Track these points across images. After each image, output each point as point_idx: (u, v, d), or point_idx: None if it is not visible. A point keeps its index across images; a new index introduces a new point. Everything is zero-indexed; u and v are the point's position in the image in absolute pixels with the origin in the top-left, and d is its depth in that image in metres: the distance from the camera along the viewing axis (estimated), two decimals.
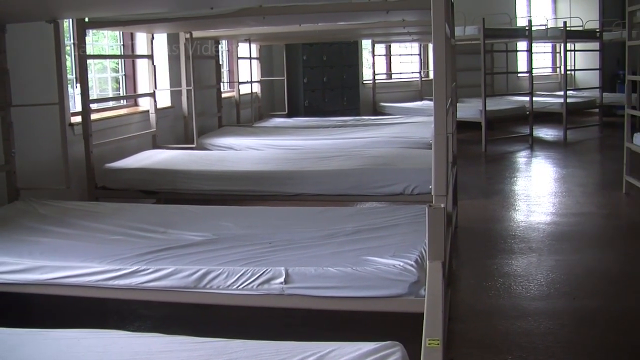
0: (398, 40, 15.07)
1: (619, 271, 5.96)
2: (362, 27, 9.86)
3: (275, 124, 11.37)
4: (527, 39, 13.39)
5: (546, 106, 15.65)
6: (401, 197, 6.43)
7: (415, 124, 10.33)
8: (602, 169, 11.51)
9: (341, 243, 4.38)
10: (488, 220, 7.60)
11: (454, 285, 5.35)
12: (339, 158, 7.49)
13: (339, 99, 13.65)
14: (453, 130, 5.99)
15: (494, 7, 16.75)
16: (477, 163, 11.59)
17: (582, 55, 17.89)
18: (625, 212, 8.24)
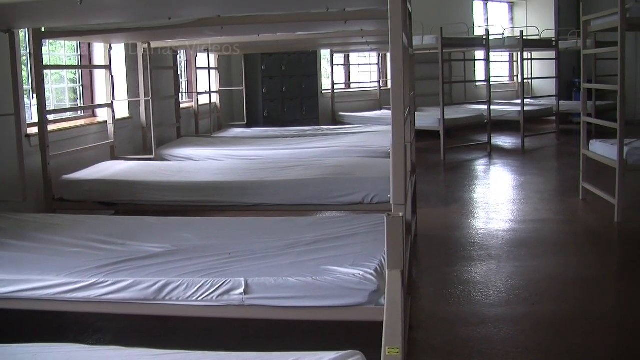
0: (357, 49, 15.12)
1: (577, 276, 6.03)
2: (320, 37, 9.88)
3: (234, 134, 11.35)
4: (485, 48, 13.50)
5: (504, 114, 15.78)
6: (360, 207, 6.44)
7: (374, 133, 10.36)
8: (559, 175, 11.63)
9: (301, 253, 4.38)
10: (447, 228, 7.64)
11: (414, 293, 5.36)
12: (298, 168, 7.50)
13: (298, 109, 13.65)
14: (412, 139, 6.01)
15: (451, 16, 16.88)
16: (436, 171, 11.65)
17: (538, 63, 18.14)
18: (582, 218, 8.33)
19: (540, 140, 15.35)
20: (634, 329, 4.86)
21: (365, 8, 5.99)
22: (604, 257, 6.76)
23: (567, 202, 8.90)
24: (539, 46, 16.51)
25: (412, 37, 7.19)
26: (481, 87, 17.46)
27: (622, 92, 7.71)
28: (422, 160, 11.43)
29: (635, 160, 7.75)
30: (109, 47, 8.41)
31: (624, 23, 7.50)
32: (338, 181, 6.68)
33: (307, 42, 10.89)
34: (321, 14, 6.21)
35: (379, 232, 3.78)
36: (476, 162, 12.68)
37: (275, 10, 6.20)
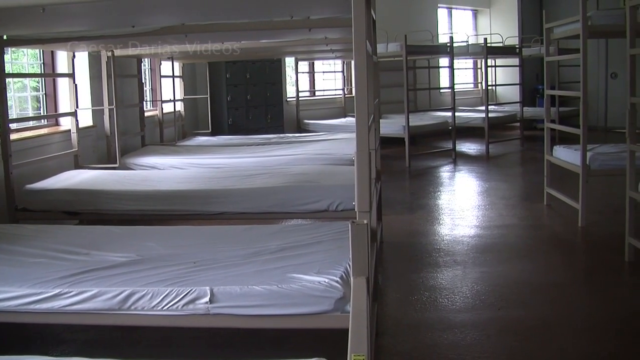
0: (321, 57, 15.14)
1: (542, 281, 6.08)
2: (285, 45, 9.87)
3: (199, 142, 11.30)
4: (449, 55, 13.59)
5: (468, 121, 15.88)
6: (325, 214, 6.45)
7: (339, 141, 10.38)
8: (523, 181, 11.71)
9: (266, 261, 4.37)
10: (413, 235, 7.67)
11: (380, 299, 5.37)
12: (263, 176, 7.49)
13: (262, 117, 13.63)
14: (376, 147, 6.03)
15: (416, 24, 16.96)
16: (401, 178, 11.68)
17: (502, 70, 18.29)
18: (546, 223, 8.39)
19: (505, 146, 15.48)
20: (598, 333, 4.90)
21: (329, 16, 6.00)
22: (569, 262, 6.82)
23: (532, 208, 8.97)
24: (503, 53, 16.65)
25: (376, 44, 7.20)
26: (445, 94, 17.55)
27: (584, 98, 7.79)
28: (387, 167, 11.47)
29: (598, 165, 7.83)
30: (72, 55, 8.34)
31: (586, 30, 7.58)
32: (303, 189, 6.68)
33: (272, 50, 10.88)
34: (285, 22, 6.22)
35: (344, 239, 3.79)
36: (441, 168, 12.74)
37: (239, 18, 6.19)
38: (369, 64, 3.87)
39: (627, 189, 6.40)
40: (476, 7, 20.67)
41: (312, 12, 5.92)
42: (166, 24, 6.07)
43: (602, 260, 6.69)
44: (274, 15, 6.08)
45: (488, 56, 14.77)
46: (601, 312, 5.31)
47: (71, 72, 8.36)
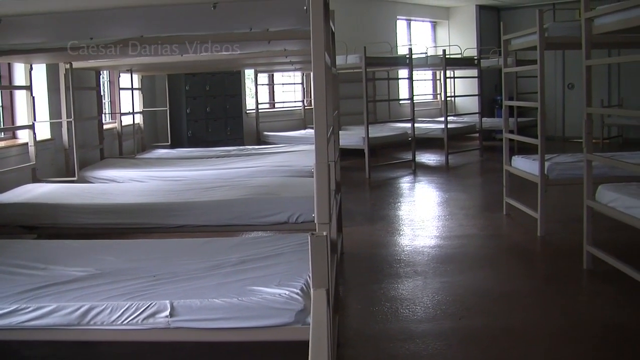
0: (281, 69, 15.14)
1: (502, 290, 6.12)
2: (244, 57, 9.85)
3: (159, 155, 11.26)
4: (408, 67, 13.65)
5: (428, 132, 15.96)
6: (286, 226, 6.44)
7: (299, 153, 10.39)
8: (483, 191, 11.79)
9: (226, 274, 4.35)
10: (374, 246, 7.68)
11: (341, 311, 5.37)
12: (223, 188, 7.47)
13: (222, 129, 13.59)
14: (336, 158, 6.04)
15: (375, 36, 17.05)
16: (361, 190, 11.71)
17: (461, 82, 18.44)
18: (506, 232, 8.45)
19: (464, 157, 15.58)
20: (559, 340, 4.94)
21: (288, 28, 6.00)
22: (528, 271, 6.89)
23: (491, 218, 9.03)
24: (462, 64, 16.77)
25: (335, 56, 7.23)
26: (405, 106, 17.64)
27: (542, 108, 7.87)
28: (347, 179, 11.48)
29: (556, 175, 7.91)
30: (29, 67, 8.27)
31: (543, 42, 7.67)
32: (263, 201, 6.66)
33: (231, 62, 10.86)
34: (244, 34, 6.22)
35: (305, 251, 3.79)
36: (401, 179, 12.79)
37: (198, 31, 6.17)
38: (327, 76, 3.88)
39: (585, 197, 6.47)
40: (435, 19, 20.82)
41: (271, 24, 5.93)
42: (125, 36, 6.04)
43: (561, 268, 6.75)
44: (233, 28, 6.08)
45: (447, 67, 14.87)
46: (561, 319, 5.36)
47: (28, 85, 8.27)
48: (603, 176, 7.46)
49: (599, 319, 5.32)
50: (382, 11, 18.43)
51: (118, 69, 10.95)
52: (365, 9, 17.66)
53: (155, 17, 5.01)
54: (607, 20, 6.07)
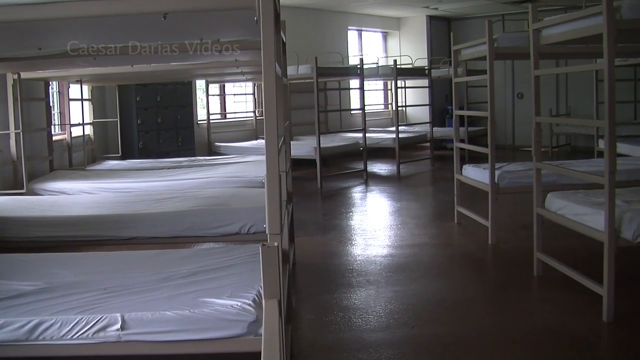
0: (232, 80, 15.08)
1: (454, 298, 6.16)
2: (195, 68, 9.82)
3: (109, 166, 11.15)
4: (359, 77, 13.70)
5: (379, 142, 16.01)
6: (237, 237, 6.42)
7: (250, 163, 10.37)
8: (434, 200, 11.86)
9: (178, 286, 4.33)
10: (326, 256, 7.68)
11: (294, 321, 5.37)
12: (175, 200, 7.42)
13: (173, 140, 13.51)
14: (287, 169, 6.03)
15: (326, 46, 17.08)
16: (313, 200, 11.71)
17: (412, 91, 18.56)
18: (457, 241, 8.51)
19: (415, 166, 15.67)
20: (511, 347, 4.98)
21: (239, 38, 5.99)
22: (480, 279, 6.94)
23: (443, 226, 9.09)
24: (412, 74, 16.88)
25: (286, 66, 7.23)
26: (356, 115, 17.68)
27: (492, 118, 7.95)
28: (299, 189, 11.48)
29: (506, 183, 7.98)
30: None
31: (492, 52, 7.75)
32: (214, 212, 6.64)
33: (182, 72, 10.82)
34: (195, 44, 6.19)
35: (256, 262, 3.78)
36: (353, 189, 12.82)
37: (149, 41, 6.13)
38: (278, 86, 3.88)
39: (535, 205, 6.54)
40: (386, 29, 20.90)
41: (222, 34, 5.91)
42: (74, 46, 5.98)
43: (512, 275, 6.82)
44: (183, 38, 6.05)
45: (398, 77, 14.96)
46: (513, 326, 5.41)
47: None
48: (552, 184, 7.56)
49: (549, 325, 5.37)
50: (333, 22, 18.47)
51: (67, 80, 10.83)
52: (317, 19, 17.69)
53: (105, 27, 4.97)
54: (554, 31, 6.17)
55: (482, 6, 18.06)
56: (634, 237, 5.31)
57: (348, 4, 17.39)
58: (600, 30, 5.19)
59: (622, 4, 5.29)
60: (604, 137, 5.39)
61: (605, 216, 5.28)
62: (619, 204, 5.61)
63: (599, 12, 5.19)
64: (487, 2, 17.34)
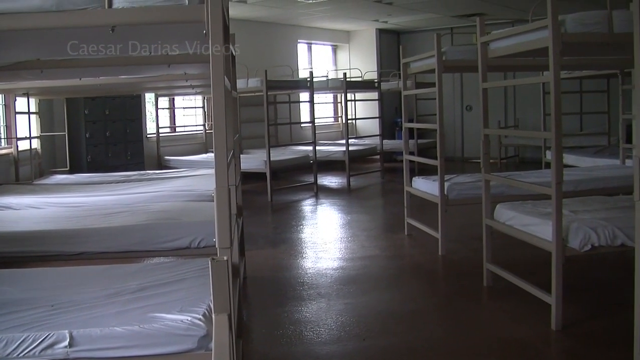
0: (181, 93, 15.04)
1: (405, 310, 6.19)
2: (144, 81, 9.76)
3: (57, 180, 11.01)
4: (309, 90, 13.73)
5: (329, 155, 16.05)
6: (187, 251, 6.36)
7: (200, 177, 10.31)
8: (384, 213, 11.90)
9: (127, 301, 4.28)
10: (277, 269, 7.67)
11: (245, 335, 5.35)
12: (123, 214, 7.35)
13: (122, 154, 13.41)
14: (237, 182, 6.02)
15: (276, 59, 17.09)
16: (263, 213, 11.69)
17: (362, 104, 18.63)
18: (407, 252, 8.55)
19: (366, 178, 15.74)
20: (462, 357, 5.02)
21: (188, 51, 5.96)
22: (430, 290, 6.97)
23: (393, 238, 9.13)
24: (362, 87, 16.97)
25: (235, 80, 7.22)
26: (306, 129, 17.71)
27: (441, 130, 8.01)
28: (249, 203, 11.46)
29: (456, 195, 8.04)
30: None
31: (441, 65, 7.82)
32: (164, 226, 6.58)
33: (131, 85, 10.75)
34: (144, 58, 6.15)
35: (207, 276, 3.75)
36: (303, 202, 12.82)
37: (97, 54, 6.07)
38: (227, 100, 3.87)
39: (484, 216, 6.60)
40: (336, 42, 20.99)
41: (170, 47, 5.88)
42: (20, 59, 5.91)
43: (463, 286, 6.87)
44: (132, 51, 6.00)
45: (348, 90, 15.04)
46: (464, 336, 5.45)
47: None
48: (501, 195, 7.64)
49: (499, 335, 5.44)
50: (283, 35, 18.51)
51: (14, 93, 10.71)
52: (266, 32, 17.70)
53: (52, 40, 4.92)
54: (501, 44, 6.25)
55: (431, 20, 18.22)
56: (581, 246, 5.40)
57: (298, 17, 17.43)
58: (545, 43, 5.28)
59: (566, 18, 5.39)
60: (551, 149, 5.47)
61: (552, 226, 5.36)
62: (566, 214, 5.71)
63: (545, 26, 5.29)
64: (436, 15, 17.50)
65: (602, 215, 5.90)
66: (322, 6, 15.62)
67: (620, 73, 10.12)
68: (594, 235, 5.42)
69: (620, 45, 5.78)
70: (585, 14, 5.46)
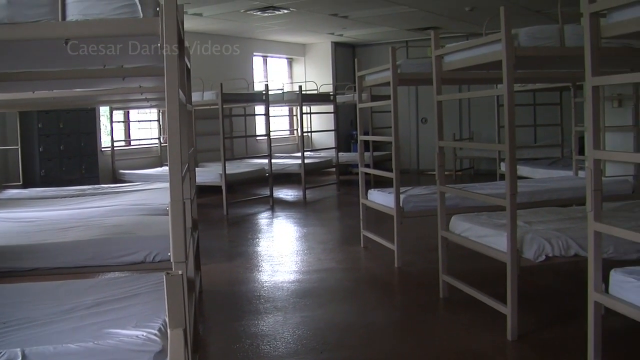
0: (136, 106, 14.95)
1: (362, 322, 6.19)
2: (99, 94, 9.69)
3: (9, 195, 10.87)
4: (265, 103, 13.73)
5: (285, 167, 16.04)
6: (143, 266, 6.30)
7: (155, 191, 10.23)
8: (340, 225, 11.91)
9: (82, 317, 4.23)
10: (233, 283, 7.64)
11: (202, 350, 5.33)
12: (78, 229, 7.26)
13: (77, 168, 13.28)
14: (192, 196, 5.99)
15: (232, 72, 17.06)
16: (219, 227, 11.65)
17: (318, 117, 18.67)
18: (364, 265, 8.56)
19: (322, 191, 15.75)
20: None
21: (142, 65, 5.94)
22: (387, 302, 7.00)
23: (349, 251, 9.14)
24: (318, 100, 16.99)
25: (191, 93, 7.19)
26: (262, 142, 17.68)
27: (396, 143, 8.05)
28: (205, 216, 11.43)
29: (411, 207, 8.08)
30: None
31: (396, 78, 7.87)
32: (119, 241, 6.51)
33: (86, 99, 10.65)
34: (99, 71, 6.12)
35: (162, 291, 3.72)
36: (259, 215, 12.80)
37: (51, 67, 6.03)
38: (182, 113, 3.86)
39: (439, 228, 6.64)
40: (291, 55, 21.01)
41: (125, 60, 5.85)
42: None
43: (419, 298, 6.90)
44: (86, 64, 5.96)
45: (303, 103, 15.07)
46: (420, 348, 5.48)
47: None
48: (456, 207, 7.69)
49: (456, 346, 5.47)
50: (238, 48, 18.44)
51: None
52: (222, 45, 17.65)
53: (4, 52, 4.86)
54: (456, 57, 6.31)
55: (386, 33, 18.32)
56: (535, 257, 5.46)
57: (253, 30, 17.43)
58: (499, 57, 5.35)
59: (519, 32, 5.47)
60: (505, 161, 5.52)
61: (507, 237, 5.42)
62: (520, 225, 5.77)
63: (498, 40, 5.35)
64: (391, 29, 17.60)
65: (556, 226, 5.99)
66: (278, 19, 15.64)
67: (573, 86, 10.25)
68: (548, 245, 5.49)
69: (571, 59, 5.87)
70: (538, 28, 5.55)
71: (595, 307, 4.25)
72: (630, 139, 8.85)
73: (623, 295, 4.11)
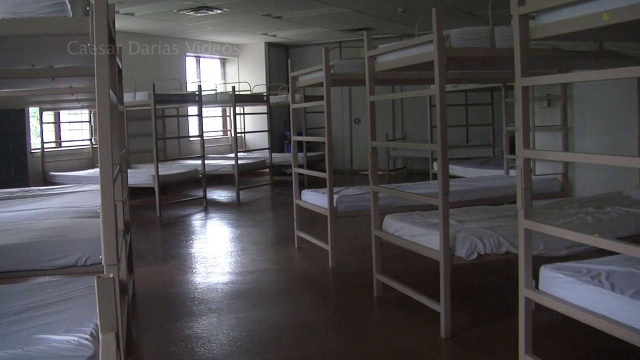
0: (67, 107, 14.74)
1: (297, 322, 6.20)
2: (28, 94, 9.53)
3: None
4: (198, 104, 13.64)
5: (218, 168, 15.98)
6: (74, 269, 6.19)
7: (87, 193, 10.10)
8: (275, 226, 11.90)
9: (10, 323, 4.14)
10: (166, 285, 7.58)
11: (135, 353, 5.29)
12: (6, 232, 7.11)
13: (5, 170, 13.05)
14: (124, 198, 5.92)
15: (164, 72, 16.95)
16: (152, 229, 11.55)
17: (251, 118, 18.63)
18: (298, 265, 8.55)
19: (255, 192, 15.73)
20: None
21: (73, 65, 5.84)
22: (322, 302, 7.00)
23: (284, 251, 9.13)
24: (251, 101, 16.97)
25: (122, 93, 7.11)
26: (195, 143, 17.61)
27: (329, 143, 8.07)
28: (138, 218, 11.32)
29: (345, 207, 8.10)
30: None
31: (329, 78, 7.88)
32: (49, 244, 6.39)
33: (14, 99, 10.47)
34: (27, 71, 6.01)
35: (94, 294, 3.67)
36: (193, 217, 12.73)
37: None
38: (113, 114, 3.81)
39: (373, 228, 6.68)
40: (224, 55, 20.93)
41: (55, 60, 5.75)
42: None
43: (353, 297, 6.92)
44: (14, 64, 5.85)
45: (236, 104, 15.02)
46: (355, 348, 5.49)
47: None
48: (389, 207, 7.74)
49: (390, 344, 5.49)
50: (171, 48, 18.33)
51: None
52: (154, 45, 17.51)
53: None
54: (388, 58, 6.34)
55: (320, 33, 18.36)
56: (468, 255, 5.52)
57: (186, 30, 17.32)
58: (431, 57, 5.39)
59: (451, 33, 5.52)
60: (438, 160, 5.57)
61: (440, 236, 5.47)
62: (453, 224, 5.83)
63: (430, 41, 5.40)
64: (325, 29, 17.65)
65: (488, 225, 6.06)
66: (211, 19, 15.56)
67: (504, 87, 10.39)
68: (480, 244, 5.56)
69: (502, 60, 5.94)
70: (469, 30, 5.61)
71: (526, 302, 4.31)
72: (559, 138, 8.99)
73: (552, 291, 4.18)
